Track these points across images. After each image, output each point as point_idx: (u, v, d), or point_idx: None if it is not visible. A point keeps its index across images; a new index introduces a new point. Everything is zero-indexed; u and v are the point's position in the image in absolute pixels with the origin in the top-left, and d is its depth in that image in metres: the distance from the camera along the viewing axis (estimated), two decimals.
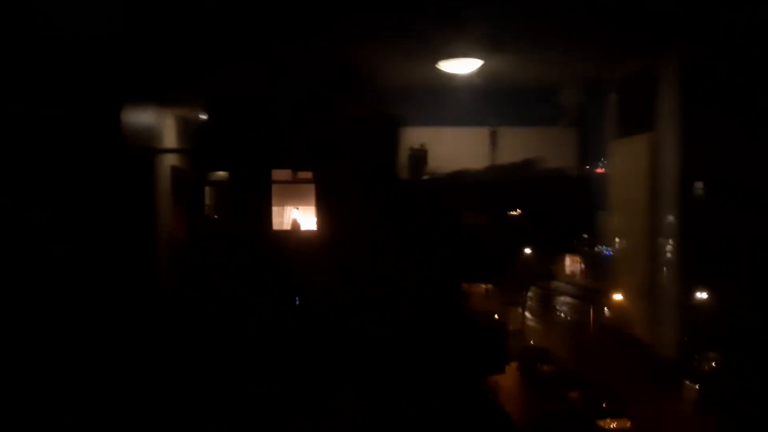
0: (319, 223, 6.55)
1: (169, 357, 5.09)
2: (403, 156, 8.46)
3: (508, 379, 6.42)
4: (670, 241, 6.33)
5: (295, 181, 6.86)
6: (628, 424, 5.80)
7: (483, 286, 7.17)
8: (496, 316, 6.77)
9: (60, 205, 4.72)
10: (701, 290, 6.35)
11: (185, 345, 5.30)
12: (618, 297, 6.72)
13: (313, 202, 6.43)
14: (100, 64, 4.79)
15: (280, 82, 6.59)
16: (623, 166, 7.29)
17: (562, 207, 7.56)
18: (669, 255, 6.36)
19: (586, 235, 7.61)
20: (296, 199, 6.85)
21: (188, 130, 7.21)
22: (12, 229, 4.51)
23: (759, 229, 5.45)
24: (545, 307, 7.27)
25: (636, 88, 6.91)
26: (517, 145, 8.61)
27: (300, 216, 6.88)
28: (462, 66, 6.70)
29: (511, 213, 7.26)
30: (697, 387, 5.77)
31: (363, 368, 5.63)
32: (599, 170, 8.18)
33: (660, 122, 6.33)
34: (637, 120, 6.77)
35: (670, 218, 6.32)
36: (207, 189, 6.80)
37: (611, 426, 5.75)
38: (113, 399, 4.47)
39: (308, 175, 6.76)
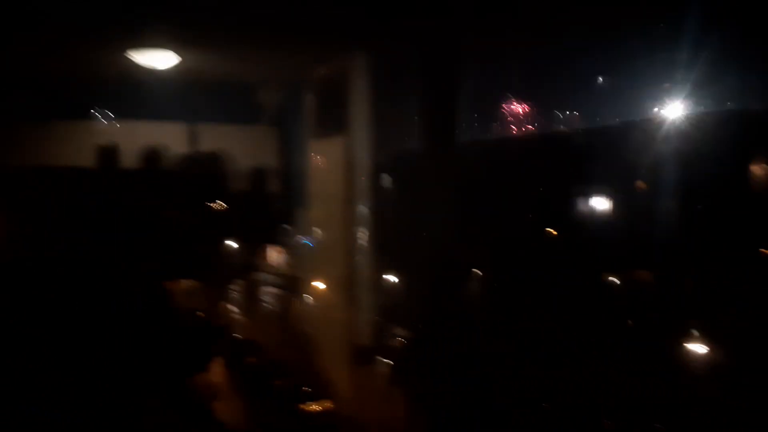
0: None
1: None
2: (93, 152, 7.79)
3: (214, 375, 6.31)
4: (364, 230, 6.78)
5: None
6: (329, 405, 6.13)
7: (186, 282, 6.92)
8: (199, 312, 6.60)
9: None
10: (391, 274, 6.96)
11: None
12: (319, 285, 7.02)
13: None
14: None
15: None
16: (321, 163, 7.64)
17: (262, 199, 7.69)
18: (363, 243, 6.81)
19: (287, 226, 7.82)
20: None
21: None
22: None
23: (435, 215, 6.12)
24: (250, 299, 7.30)
25: (330, 89, 7.27)
26: (217, 142, 8.51)
27: None
28: (157, 59, 6.33)
29: (212, 206, 7.15)
30: (389, 363, 6.29)
31: (60, 375, 5.05)
32: (297, 165, 8.46)
33: (352, 122, 6.75)
34: (333, 120, 7.14)
35: (363, 209, 6.77)
36: None
37: (314, 408, 6.02)
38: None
39: None
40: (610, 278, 6.24)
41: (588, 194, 6.70)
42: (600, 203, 6.65)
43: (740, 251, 5.09)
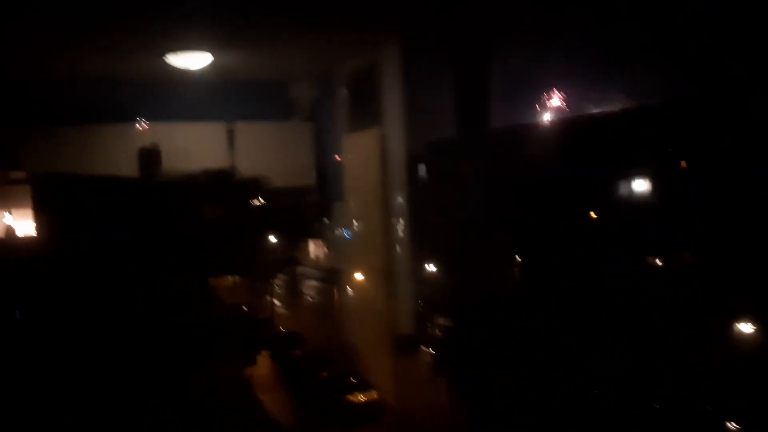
0: (37, 228, 5.94)
1: None
2: (135, 156, 7.99)
3: (261, 368, 6.45)
4: (401, 221, 6.81)
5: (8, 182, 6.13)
6: (375, 395, 6.20)
7: (230, 278, 7.09)
8: (244, 307, 6.74)
9: None
10: (430, 263, 6.96)
11: None
12: (359, 276, 7.07)
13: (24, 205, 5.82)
14: None
15: None
16: (356, 157, 7.68)
17: (301, 195, 7.78)
18: (401, 233, 6.84)
19: (326, 220, 7.89)
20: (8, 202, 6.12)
21: None
22: None
23: (471, 203, 6.10)
24: (293, 293, 7.41)
25: (363, 82, 7.30)
26: (254, 140, 8.64)
27: (13, 221, 6.16)
28: (192, 60, 6.44)
29: (253, 203, 7.27)
30: (431, 352, 6.31)
31: (112, 371, 5.24)
32: (333, 159, 8.54)
33: (385, 113, 6.77)
34: (366, 112, 7.17)
35: (400, 200, 6.79)
36: None
37: (359, 398, 6.11)
38: None
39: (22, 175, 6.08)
40: (653, 260, 6.14)
41: (629, 177, 6.59)
42: (640, 185, 6.54)
43: None
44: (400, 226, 6.78)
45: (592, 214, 6.94)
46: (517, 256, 6.76)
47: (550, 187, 6.94)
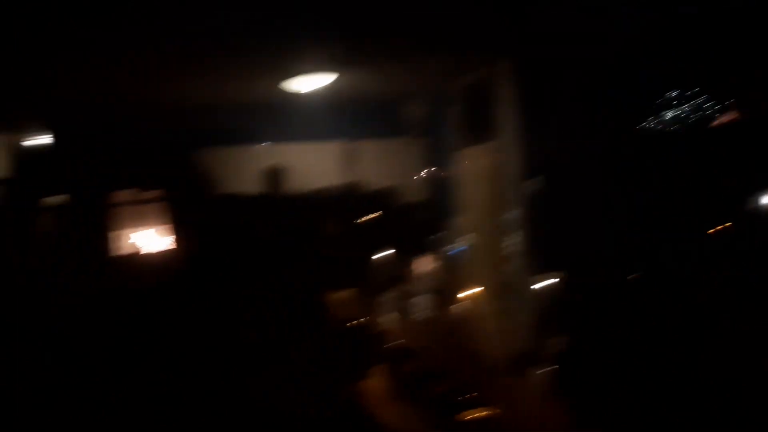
0: (174, 242, 6.26)
1: None
2: (260, 175, 8.40)
3: (374, 382, 6.45)
4: (517, 236, 6.65)
5: (140, 201, 6.54)
6: (490, 412, 6.02)
7: (343, 292, 7.18)
8: (358, 321, 6.80)
9: None
10: (547, 278, 6.73)
11: None
12: (472, 292, 6.97)
13: (154, 223, 6.17)
14: None
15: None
16: (470, 171, 7.63)
17: (413, 210, 7.79)
18: (516, 248, 6.67)
19: (438, 235, 7.86)
20: (136, 221, 6.54)
21: (18, 155, 6.69)
22: None
23: (591, 216, 5.87)
24: (404, 308, 7.40)
25: (476, 97, 7.26)
26: (370, 157, 8.83)
27: (140, 239, 6.57)
28: (312, 82, 6.63)
29: (365, 219, 7.36)
30: (549, 370, 6.07)
31: (233, 386, 5.44)
32: (446, 175, 8.52)
33: (499, 128, 6.67)
34: (480, 127, 7.12)
35: (515, 214, 6.65)
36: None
37: (474, 416, 5.94)
38: None
39: (153, 194, 6.46)
40: None
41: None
42: None
43: None
44: (516, 241, 6.62)
45: (728, 225, 6.46)
46: (641, 270, 6.39)
47: (680, 196, 6.55)
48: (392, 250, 7.61)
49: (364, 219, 7.90)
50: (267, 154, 8.76)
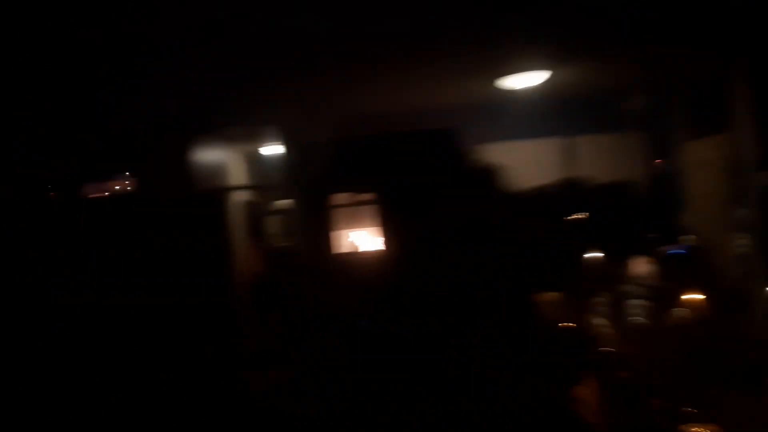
0: (386, 242, 6.64)
1: None
2: (474, 173, 8.55)
3: (585, 388, 6.29)
4: (748, 235, 6.13)
5: (356, 203, 7.01)
6: (716, 429, 5.58)
7: (553, 293, 7.08)
8: (569, 324, 6.66)
9: None
10: None
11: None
12: (694, 296, 6.49)
13: (369, 224, 6.56)
14: None
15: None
16: (698, 165, 7.14)
17: (627, 208, 7.41)
18: (748, 248, 6.15)
19: (656, 235, 7.44)
20: (352, 222, 7.04)
21: (256, 163, 7.50)
22: None
23: None
24: (618, 312, 7.10)
25: (706, 88, 6.77)
26: (587, 153, 8.59)
27: (357, 238, 7.08)
28: (526, 80, 6.63)
29: (575, 217, 7.16)
30: None
31: (442, 387, 5.66)
32: (669, 170, 8.02)
33: (733, 120, 6.15)
34: (709, 120, 6.64)
35: (747, 212, 6.13)
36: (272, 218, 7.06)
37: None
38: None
39: (367, 196, 6.89)
40: None
41: None
42: None
43: None
44: (747, 241, 6.08)
45: None
46: None
47: None
48: (607, 250, 7.34)
49: (578, 216, 7.70)
50: (482, 153, 8.89)
